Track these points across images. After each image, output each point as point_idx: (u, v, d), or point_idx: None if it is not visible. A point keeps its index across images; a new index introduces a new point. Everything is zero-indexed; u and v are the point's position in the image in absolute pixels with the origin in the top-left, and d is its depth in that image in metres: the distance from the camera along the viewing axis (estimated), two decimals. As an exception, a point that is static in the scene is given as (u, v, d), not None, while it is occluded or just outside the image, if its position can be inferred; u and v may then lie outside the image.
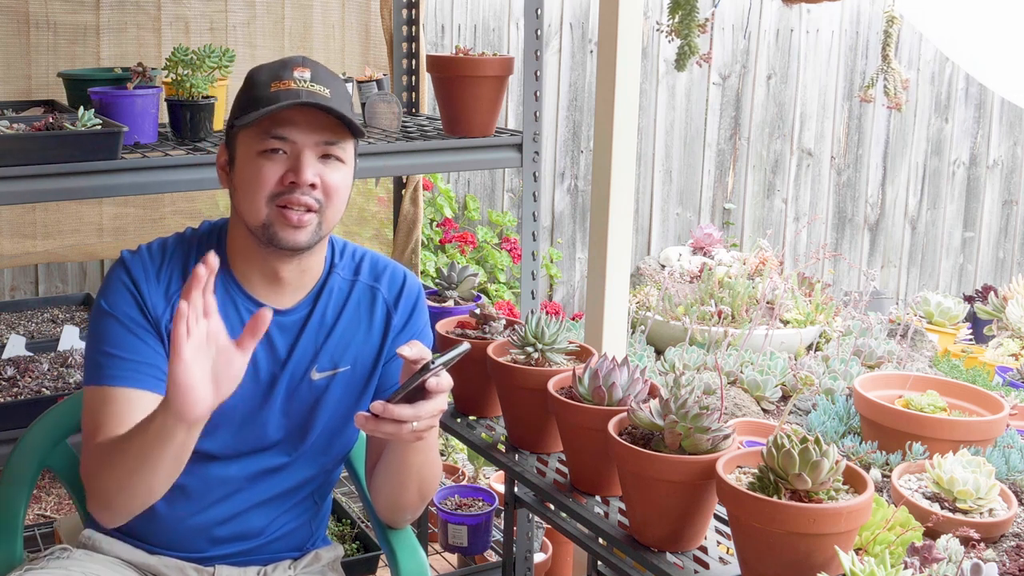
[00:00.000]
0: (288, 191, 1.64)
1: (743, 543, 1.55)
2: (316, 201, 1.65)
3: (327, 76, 1.70)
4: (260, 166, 1.64)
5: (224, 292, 1.71)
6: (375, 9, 3.32)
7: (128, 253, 1.72)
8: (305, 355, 1.75)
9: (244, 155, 1.67)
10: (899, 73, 2.97)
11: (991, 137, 5.32)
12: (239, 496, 1.76)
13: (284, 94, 1.63)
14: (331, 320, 1.77)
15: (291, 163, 1.64)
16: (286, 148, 1.64)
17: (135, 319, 1.66)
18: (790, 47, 4.76)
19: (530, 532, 2.66)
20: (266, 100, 1.64)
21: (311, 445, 1.78)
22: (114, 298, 1.68)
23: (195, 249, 1.74)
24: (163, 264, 1.71)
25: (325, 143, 1.66)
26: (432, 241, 3.98)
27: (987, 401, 2.09)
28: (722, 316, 2.88)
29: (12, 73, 2.97)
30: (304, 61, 1.69)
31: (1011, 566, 1.62)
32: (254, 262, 1.72)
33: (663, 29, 2.50)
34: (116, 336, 1.66)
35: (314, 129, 1.65)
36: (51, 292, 3.44)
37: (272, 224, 1.65)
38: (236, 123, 1.66)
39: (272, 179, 1.64)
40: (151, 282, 1.69)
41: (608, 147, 2.30)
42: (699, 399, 1.67)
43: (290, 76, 1.66)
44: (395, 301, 1.83)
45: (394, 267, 1.86)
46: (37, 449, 1.90)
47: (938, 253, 5.35)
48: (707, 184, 4.72)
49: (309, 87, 1.65)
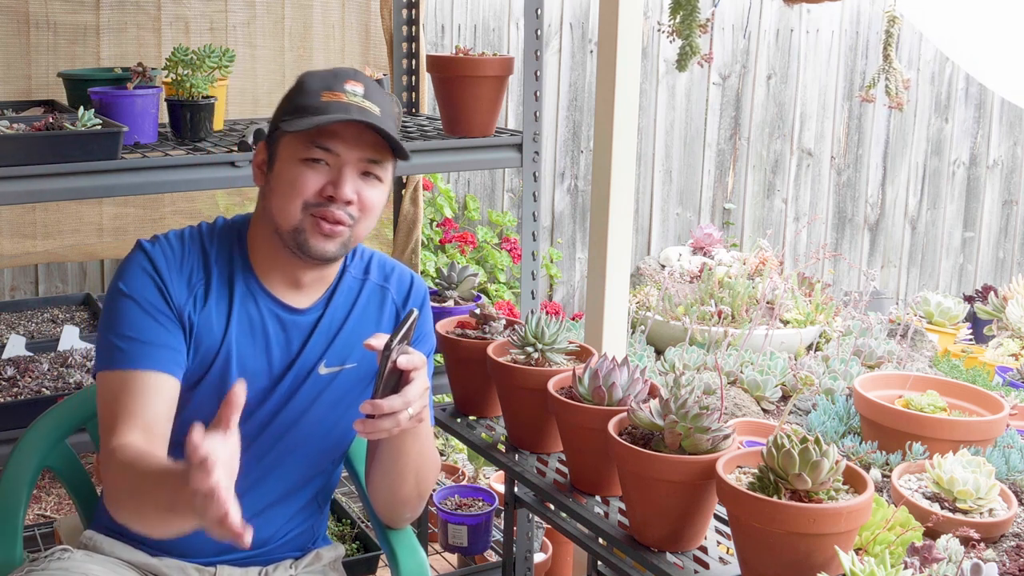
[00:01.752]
0: (324, 204, 1.64)
1: (743, 543, 1.55)
2: (350, 217, 1.66)
3: (378, 94, 1.70)
4: (301, 172, 1.64)
5: (245, 287, 1.72)
6: (375, 9, 3.32)
7: (147, 242, 1.71)
8: (315, 352, 1.76)
9: (286, 158, 1.66)
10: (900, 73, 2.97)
11: (991, 137, 5.32)
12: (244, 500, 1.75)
13: (335, 106, 1.63)
14: (342, 318, 1.79)
15: (332, 176, 1.65)
16: (329, 160, 1.65)
17: (155, 304, 1.65)
18: (790, 47, 4.76)
19: (530, 532, 2.66)
20: (315, 109, 1.63)
21: (308, 438, 1.78)
22: (134, 282, 1.66)
23: (214, 245, 1.73)
24: (184, 255, 1.71)
25: (368, 161, 1.66)
26: (432, 241, 3.98)
27: (987, 401, 2.09)
28: (722, 316, 2.88)
29: (12, 73, 2.97)
30: (357, 75, 1.69)
31: (1011, 566, 1.62)
32: (276, 264, 1.73)
33: (664, 29, 2.50)
34: (135, 319, 1.64)
35: (359, 146, 1.65)
36: (51, 292, 3.44)
37: (304, 230, 1.65)
38: (284, 126, 1.65)
39: (311, 188, 1.64)
40: (173, 271, 1.68)
41: (608, 147, 2.30)
42: (699, 399, 1.67)
43: (342, 88, 1.66)
44: (403, 301, 1.85)
45: (401, 268, 1.88)
46: (37, 449, 1.89)
47: (938, 253, 5.35)
48: (707, 184, 4.72)
49: (360, 103, 1.65)
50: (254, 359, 1.72)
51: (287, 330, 1.74)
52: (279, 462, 1.77)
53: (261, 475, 1.76)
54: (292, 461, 1.78)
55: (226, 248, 1.74)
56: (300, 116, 1.64)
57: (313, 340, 1.76)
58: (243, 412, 1.70)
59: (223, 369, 1.70)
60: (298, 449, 1.78)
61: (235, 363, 1.70)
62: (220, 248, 1.73)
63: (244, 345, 1.71)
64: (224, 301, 1.71)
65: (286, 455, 1.77)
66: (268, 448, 1.76)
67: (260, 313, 1.72)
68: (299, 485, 1.81)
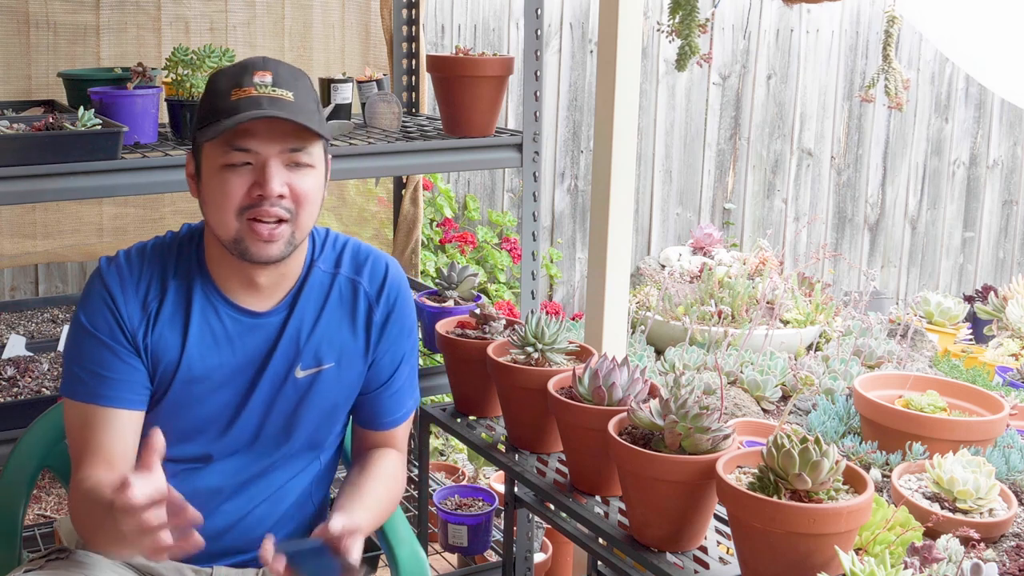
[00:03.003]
0: (257, 204, 1.60)
1: (743, 543, 1.55)
2: (287, 211, 1.61)
3: (290, 77, 1.64)
4: (225, 180, 1.60)
5: (204, 296, 1.69)
6: (375, 9, 3.32)
7: (106, 262, 1.69)
8: (287, 355, 1.73)
9: (209, 168, 1.62)
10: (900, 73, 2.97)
11: (991, 137, 5.32)
12: (232, 504, 1.76)
13: (245, 103, 1.58)
14: (312, 318, 1.74)
15: (257, 175, 1.59)
16: (251, 159, 1.60)
17: (113, 335, 1.65)
18: (790, 47, 4.76)
19: (530, 532, 2.66)
20: (227, 110, 1.58)
21: (297, 442, 1.77)
22: (93, 315, 1.65)
23: (175, 254, 1.71)
24: (141, 272, 1.68)
25: (291, 151, 1.61)
26: (432, 241, 3.98)
27: (987, 401, 2.09)
28: (722, 316, 2.89)
29: (12, 73, 2.97)
30: (265, 63, 1.64)
31: (1011, 566, 1.62)
32: (231, 270, 1.69)
33: (664, 29, 2.50)
34: (94, 352, 1.65)
35: (278, 137, 1.59)
36: (51, 292, 3.44)
37: (243, 239, 1.61)
38: (198, 136, 1.62)
39: (239, 193, 1.60)
40: (128, 294, 1.66)
41: (608, 147, 2.30)
42: (699, 399, 1.67)
43: (251, 82, 1.60)
44: (376, 295, 1.78)
45: (376, 257, 1.81)
46: (37, 449, 1.89)
47: (938, 253, 5.35)
48: (707, 184, 4.72)
49: (271, 92, 1.59)
50: (220, 369, 1.69)
51: (252, 334, 1.71)
52: (270, 466, 1.77)
53: (250, 478, 1.76)
54: (281, 463, 1.78)
55: (186, 258, 1.71)
56: (213, 121, 1.59)
57: (283, 343, 1.72)
58: (222, 422, 1.72)
59: (186, 383, 1.68)
60: (286, 451, 1.77)
61: (199, 375, 1.68)
62: (180, 259, 1.71)
63: (208, 356, 1.69)
64: (180, 315, 1.68)
65: (276, 459, 1.77)
66: (259, 454, 1.76)
67: (221, 321, 1.69)
68: (287, 484, 1.80)
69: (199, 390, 1.69)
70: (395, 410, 1.84)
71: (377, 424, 1.84)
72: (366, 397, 1.82)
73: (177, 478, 1.63)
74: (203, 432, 1.71)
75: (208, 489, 1.72)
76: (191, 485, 1.69)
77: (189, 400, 1.69)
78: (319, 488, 1.88)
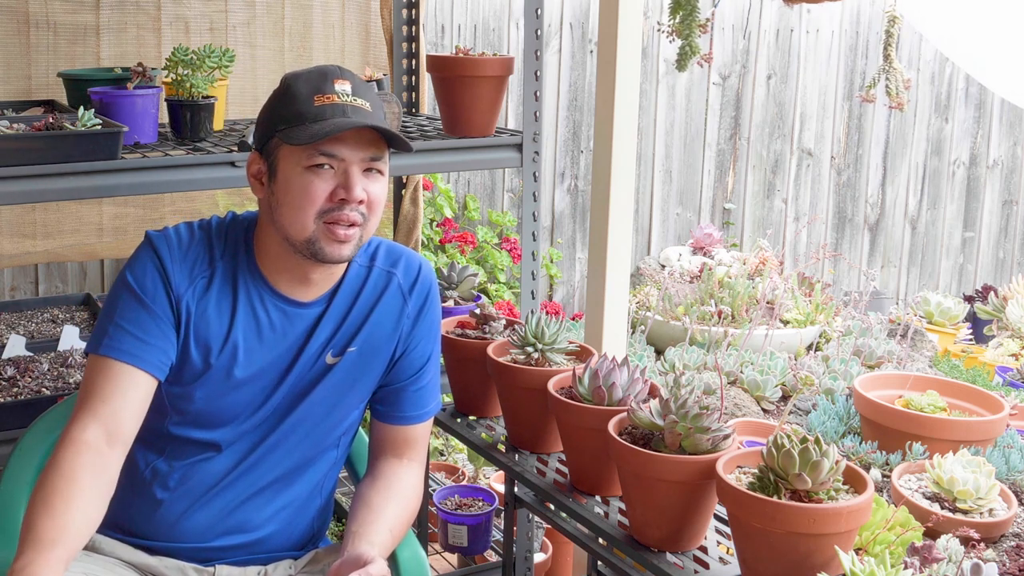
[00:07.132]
0: (337, 208, 1.66)
1: (743, 543, 1.55)
2: (361, 216, 1.68)
3: (364, 87, 1.72)
4: (309, 182, 1.65)
5: (250, 284, 1.73)
6: (375, 9, 3.32)
7: (155, 232, 1.73)
8: (320, 342, 1.77)
9: (289, 169, 1.67)
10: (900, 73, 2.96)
11: (991, 137, 5.32)
12: (239, 484, 1.78)
13: (330, 110, 1.65)
14: (347, 307, 1.79)
15: (340, 179, 1.66)
16: (333, 164, 1.66)
17: (155, 297, 1.68)
18: (790, 47, 4.76)
19: (530, 532, 2.66)
20: (312, 115, 1.65)
21: (305, 420, 1.79)
22: (139, 272, 1.69)
23: (222, 239, 1.75)
24: (190, 246, 1.73)
25: (371, 159, 1.68)
26: (432, 241, 3.98)
27: (987, 401, 2.09)
28: (722, 316, 2.89)
29: (12, 73, 2.97)
30: (342, 72, 1.70)
31: (1011, 566, 1.62)
32: (286, 266, 1.74)
33: (664, 29, 2.50)
34: (132, 310, 1.67)
35: (361, 146, 1.67)
36: (51, 292, 3.44)
37: (318, 240, 1.67)
38: (284, 138, 1.66)
39: (321, 195, 1.66)
40: (176, 260, 1.70)
41: (608, 147, 2.30)
42: (699, 399, 1.67)
43: (332, 89, 1.67)
44: (410, 288, 1.84)
45: (410, 255, 1.88)
46: (37, 449, 1.90)
47: (938, 253, 5.35)
48: (707, 184, 4.72)
49: (352, 101, 1.67)
50: (262, 356, 1.74)
51: (292, 323, 1.76)
52: (276, 445, 1.79)
53: (257, 459, 1.78)
54: (288, 444, 1.80)
55: (232, 245, 1.75)
56: (298, 124, 1.65)
57: (319, 331, 1.77)
58: (251, 408, 1.74)
59: (228, 365, 1.72)
60: (295, 432, 1.80)
61: (242, 360, 1.72)
62: (227, 245, 1.75)
63: (251, 343, 1.73)
64: (228, 298, 1.72)
65: (283, 438, 1.79)
66: (268, 431, 1.78)
67: (267, 311, 1.74)
68: (293, 471, 1.82)
69: (237, 376, 1.72)
70: (418, 406, 1.88)
71: (398, 418, 1.87)
72: (391, 389, 1.85)
73: (183, 458, 1.65)
74: (231, 416, 1.74)
75: (216, 469, 1.76)
76: (199, 464, 1.74)
77: (227, 382, 1.72)
78: (323, 488, 1.89)
